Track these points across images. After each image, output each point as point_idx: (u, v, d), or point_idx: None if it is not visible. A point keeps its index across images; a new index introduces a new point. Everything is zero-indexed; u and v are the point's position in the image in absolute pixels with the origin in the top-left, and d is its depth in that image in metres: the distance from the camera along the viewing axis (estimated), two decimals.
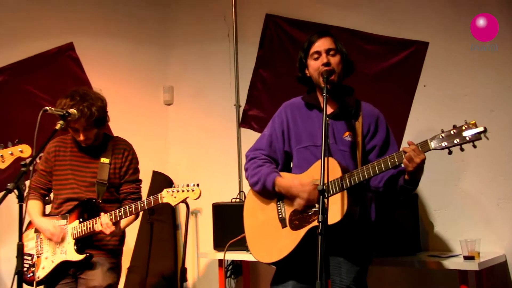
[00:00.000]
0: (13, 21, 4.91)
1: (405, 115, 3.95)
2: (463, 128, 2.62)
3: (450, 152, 2.65)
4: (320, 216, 2.46)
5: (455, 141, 2.62)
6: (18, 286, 2.97)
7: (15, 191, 2.76)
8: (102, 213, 3.35)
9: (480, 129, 2.57)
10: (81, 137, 3.39)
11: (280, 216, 3.05)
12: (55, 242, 3.44)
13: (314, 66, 3.00)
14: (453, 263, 3.28)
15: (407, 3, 3.99)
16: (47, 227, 3.42)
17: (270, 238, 3.08)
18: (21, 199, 2.85)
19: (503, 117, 3.60)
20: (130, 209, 3.31)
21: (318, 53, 2.99)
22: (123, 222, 3.46)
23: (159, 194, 3.34)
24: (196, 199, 3.38)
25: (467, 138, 2.60)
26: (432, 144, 2.68)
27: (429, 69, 3.89)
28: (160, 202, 3.33)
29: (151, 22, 5.40)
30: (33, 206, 3.52)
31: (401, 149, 2.75)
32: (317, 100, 3.11)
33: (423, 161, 2.69)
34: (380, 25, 4.07)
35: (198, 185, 3.35)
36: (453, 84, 3.80)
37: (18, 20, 4.92)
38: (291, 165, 3.19)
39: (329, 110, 3.06)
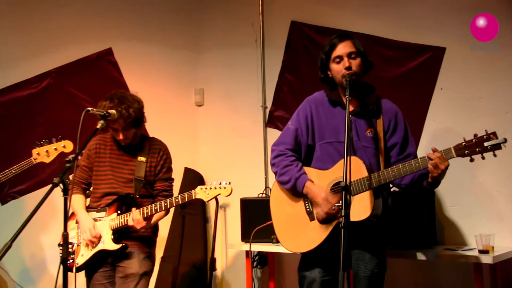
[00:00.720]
0: (57, 29, 4.98)
1: (423, 116, 3.93)
2: (484, 137, 2.65)
3: (472, 160, 2.69)
4: (342, 210, 2.48)
5: (477, 150, 2.66)
6: (63, 272, 3.03)
7: (60, 185, 2.77)
8: (133, 209, 3.38)
9: (501, 140, 2.62)
10: (120, 137, 3.43)
11: (308, 209, 3.06)
12: (85, 239, 3.46)
13: (337, 69, 3.00)
14: (468, 256, 3.26)
15: (425, 10, 3.95)
16: (87, 225, 3.46)
17: (298, 229, 3.09)
18: (65, 192, 2.86)
19: None
20: (165, 204, 3.34)
21: (340, 57, 2.98)
22: (154, 217, 3.48)
23: (193, 190, 3.36)
24: (227, 196, 3.39)
25: (488, 148, 2.64)
26: (455, 153, 2.70)
27: (446, 72, 3.86)
28: (193, 198, 3.35)
29: (183, 29, 5.41)
30: (77, 201, 3.57)
31: (426, 155, 2.76)
32: (340, 97, 3.10)
33: (447, 167, 2.73)
34: (399, 31, 4.05)
35: (229, 183, 3.36)
36: (469, 87, 3.77)
37: (62, 28, 5.00)
38: (314, 157, 3.16)
39: (351, 107, 3.05)
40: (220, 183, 3.36)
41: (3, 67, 4.81)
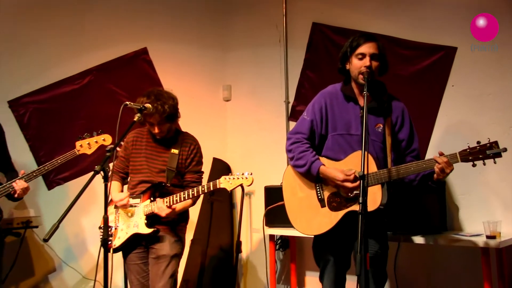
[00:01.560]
0: (97, 30, 5.02)
1: (435, 111, 3.92)
2: (487, 146, 2.71)
3: (474, 165, 2.74)
4: (360, 198, 2.51)
5: (480, 156, 2.72)
6: (104, 251, 3.09)
7: (101, 172, 2.83)
8: (158, 199, 3.42)
9: (502, 149, 2.70)
10: (156, 130, 3.46)
11: (319, 196, 3.09)
12: (119, 204, 3.53)
13: (357, 64, 3.00)
14: (477, 241, 3.28)
15: (438, 12, 3.93)
16: (118, 197, 3.54)
17: (309, 214, 3.13)
18: (106, 179, 2.92)
19: None
20: (193, 192, 3.36)
21: (363, 55, 2.99)
22: (180, 206, 3.47)
23: (217, 180, 3.36)
24: (249, 185, 3.39)
25: (490, 155, 2.70)
26: (460, 158, 2.75)
27: (457, 71, 3.84)
28: (217, 187, 3.35)
29: (213, 30, 5.40)
30: (113, 186, 3.64)
31: (433, 158, 2.80)
32: (353, 93, 3.11)
33: (451, 171, 2.78)
34: (413, 32, 4.03)
35: (251, 174, 3.36)
36: (478, 84, 3.76)
37: (101, 29, 5.04)
38: (324, 146, 3.18)
39: (363, 102, 3.06)
40: (242, 174, 3.36)
41: (49, 65, 4.88)
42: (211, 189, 3.37)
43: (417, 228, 3.59)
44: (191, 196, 3.37)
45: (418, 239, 3.50)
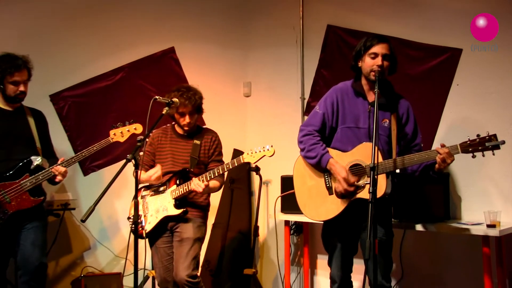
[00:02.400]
0: (129, 30, 5.07)
1: (441, 108, 3.91)
2: (486, 138, 2.70)
3: (474, 156, 2.74)
4: (371, 187, 2.55)
5: (479, 148, 2.72)
6: (134, 234, 3.12)
7: (133, 160, 2.89)
8: (193, 178, 3.44)
9: (500, 141, 2.69)
10: (187, 120, 3.53)
11: (327, 184, 3.12)
12: (157, 178, 3.55)
13: (369, 63, 3.03)
14: (478, 230, 3.29)
15: (445, 16, 3.92)
16: (152, 171, 3.57)
17: (318, 201, 3.15)
18: (136, 166, 2.99)
19: None
20: (218, 170, 3.39)
21: (376, 54, 3.02)
22: (210, 184, 3.49)
23: (240, 156, 3.38)
24: (271, 156, 3.34)
25: (489, 147, 2.70)
26: (461, 149, 2.76)
27: (462, 71, 3.83)
28: (242, 162, 3.36)
29: (235, 31, 5.42)
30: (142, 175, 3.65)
31: (435, 149, 2.81)
32: (363, 89, 3.13)
33: (452, 161, 2.79)
34: (422, 34, 4.02)
35: (272, 146, 3.34)
36: (481, 83, 3.75)
37: (133, 29, 5.08)
38: (334, 138, 3.21)
39: (372, 98, 3.09)
40: (264, 147, 3.34)
41: (85, 62, 4.93)
42: (236, 164, 3.37)
43: (422, 216, 3.59)
44: (221, 172, 3.39)
45: (423, 227, 3.51)
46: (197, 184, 3.38)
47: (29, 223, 3.69)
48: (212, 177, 3.40)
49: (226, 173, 3.76)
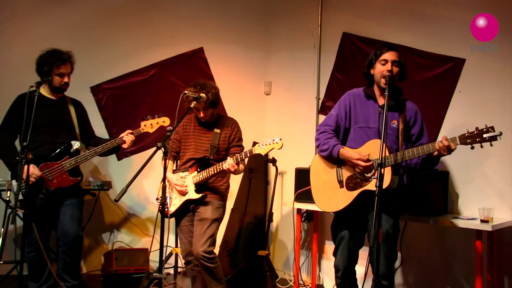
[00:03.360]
0: (163, 31, 5.15)
1: (444, 112, 3.90)
2: (484, 130, 2.66)
3: (472, 147, 2.70)
4: (378, 182, 2.55)
5: (477, 140, 2.67)
6: (161, 213, 3.18)
7: (162, 148, 2.93)
8: (228, 157, 3.41)
9: (497, 133, 2.62)
10: (201, 114, 3.54)
11: (339, 178, 3.13)
12: (179, 190, 3.59)
13: (380, 69, 3.04)
14: (472, 224, 3.29)
15: (451, 28, 3.89)
16: (173, 180, 3.60)
17: (330, 193, 3.16)
18: (165, 154, 3.04)
19: None
20: (241, 156, 3.37)
21: (386, 61, 3.03)
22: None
23: (252, 148, 3.36)
24: (279, 149, 3.29)
25: (487, 138, 2.64)
26: (459, 141, 2.74)
27: (464, 79, 3.82)
28: (253, 153, 3.34)
29: (258, 35, 5.41)
30: (169, 166, 3.70)
31: (436, 142, 2.80)
32: (374, 93, 3.15)
33: (455, 149, 2.77)
34: (429, 44, 4.00)
35: (281, 139, 3.28)
36: (482, 91, 3.73)
37: (166, 30, 5.16)
38: (348, 138, 3.22)
39: (382, 102, 3.09)
40: (273, 140, 3.29)
41: (123, 59, 5.03)
42: (248, 155, 3.36)
43: (422, 210, 3.58)
44: (243, 157, 3.38)
45: (423, 220, 3.52)
46: (230, 164, 3.37)
47: (68, 200, 3.79)
48: (241, 159, 3.41)
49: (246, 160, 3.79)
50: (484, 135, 2.66)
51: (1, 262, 3.93)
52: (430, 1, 4.07)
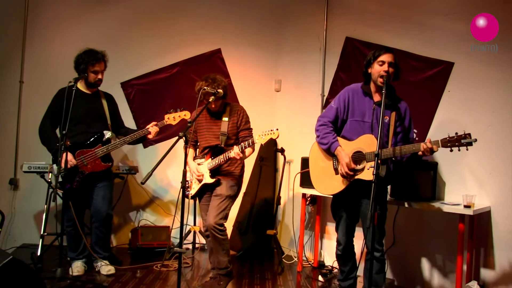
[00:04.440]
0: (184, 34, 5.19)
1: (434, 110, 3.91)
2: (462, 136, 2.73)
3: (451, 150, 2.78)
4: (375, 170, 2.62)
5: (456, 144, 2.75)
6: (182, 196, 3.18)
7: (183, 138, 2.95)
8: (235, 146, 3.43)
9: (473, 139, 2.71)
10: (213, 106, 3.56)
11: (335, 166, 3.19)
12: (196, 177, 3.66)
13: (378, 69, 3.08)
14: (456, 209, 3.32)
15: (442, 34, 3.89)
16: (192, 168, 3.69)
17: (326, 179, 3.22)
18: (186, 142, 3.05)
19: (501, 116, 3.55)
20: (245, 144, 3.40)
21: (383, 62, 3.07)
22: (246, 152, 3.50)
23: (253, 137, 3.38)
24: (276, 138, 3.32)
25: (464, 143, 2.73)
26: (441, 144, 2.80)
27: (453, 80, 3.82)
28: (255, 142, 3.36)
29: (270, 37, 5.39)
30: (190, 153, 3.78)
31: (421, 144, 2.84)
32: (370, 91, 3.17)
33: (437, 150, 2.84)
34: (423, 48, 4.00)
35: (277, 129, 3.31)
36: (468, 91, 3.73)
37: (188, 33, 5.20)
38: (343, 128, 3.25)
39: (377, 98, 3.13)
40: (271, 130, 3.30)
41: (150, 58, 5.10)
42: (251, 144, 3.38)
43: (412, 196, 3.63)
44: (247, 146, 3.39)
45: (412, 205, 3.55)
46: (236, 153, 3.41)
47: (100, 182, 3.93)
48: (247, 146, 3.43)
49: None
50: (462, 141, 2.74)
51: (45, 233, 4.11)
52: (424, 11, 4.06)
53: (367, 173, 2.97)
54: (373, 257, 3.01)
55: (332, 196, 3.33)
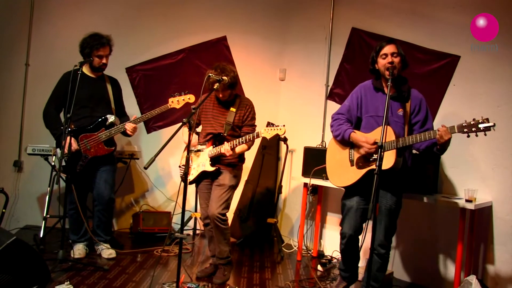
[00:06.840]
0: (191, 20, 5.15)
1: (439, 102, 3.90)
2: (480, 121, 2.65)
3: (468, 136, 2.69)
4: (378, 162, 2.58)
5: (473, 129, 2.66)
6: (184, 182, 3.24)
7: (187, 124, 2.90)
8: (225, 142, 3.44)
9: (491, 124, 2.62)
10: (221, 95, 3.52)
11: (351, 158, 3.17)
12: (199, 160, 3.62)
13: (382, 63, 3.05)
14: (457, 203, 3.31)
15: (449, 27, 3.87)
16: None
17: (342, 171, 3.20)
18: (190, 129, 3.09)
19: (505, 111, 3.52)
20: (246, 138, 3.38)
21: (386, 55, 3.03)
22: (238, 149, 3.50)
23: (259, 131, 3.37)
24: (282, 134, 3.31)
25: (482, 128, 2.64)
26: (457, 129, 2.73)
27: (459, 73, 3.80)
28: (260, 136, 3.36)
29: (275, 26, 5.37)
30: (194, 138, 3.74)
31: (436, 128, 2.79)
32: (382, 85, 3.15)
33: (449, 139, 2.78)
34: (429, 40, 3.98)
35: (284, 125, 3.29)
36: (473, 85, 3.72)
37: (194, 20, 5.16)
38: (360, 126, 3.23)
39: (390, 92, 3.07)
40: (278, 125, 3.30)
41: (156, 44, 5.07)
42: (255, 138, 3.38)
43: (415, 189, 3.61)
44: (243, 142, 3.39)
45: (416, 197, 3.55)
46: (226, 149, 3.41)
47: (103, 166, 3.92)
48: (239, 144, 3.41)
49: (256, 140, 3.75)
50: (480, 126, 2.66)
51: (48, 215, 4.11)
52: (430, 3, 4.03)
53: (385, 162, 2.88)
54: (372, 250, 2.93)
55: (344, 189, 3.29)
